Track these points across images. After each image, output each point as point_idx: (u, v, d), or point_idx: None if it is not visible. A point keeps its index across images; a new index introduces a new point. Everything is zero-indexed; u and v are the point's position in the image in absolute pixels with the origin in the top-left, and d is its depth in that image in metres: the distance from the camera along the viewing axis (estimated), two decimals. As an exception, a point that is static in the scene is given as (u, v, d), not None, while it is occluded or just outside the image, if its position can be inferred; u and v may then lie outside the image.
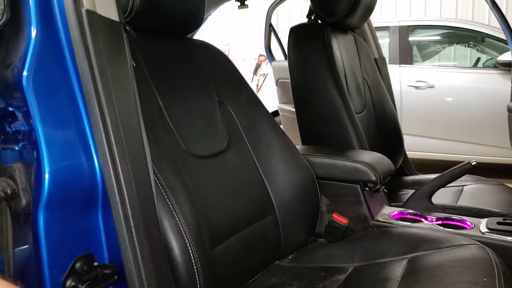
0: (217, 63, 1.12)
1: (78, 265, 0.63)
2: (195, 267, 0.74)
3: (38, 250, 0.60)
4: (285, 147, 1.12)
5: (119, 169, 0.61)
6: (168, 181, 0.77)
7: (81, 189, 0.63)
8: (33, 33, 0.62)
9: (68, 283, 0.62)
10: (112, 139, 0.61)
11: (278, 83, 3.02)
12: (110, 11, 0.66)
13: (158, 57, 0.98)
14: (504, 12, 2.45)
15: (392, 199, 1.47)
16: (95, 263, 0.65)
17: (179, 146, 0.91)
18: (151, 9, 0.90)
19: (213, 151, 0.99)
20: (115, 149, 0.61)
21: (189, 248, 0.74)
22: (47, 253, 0.60)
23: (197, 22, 1.01)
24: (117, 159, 0.61)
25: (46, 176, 0.59)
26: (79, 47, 0.62)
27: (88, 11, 0.62)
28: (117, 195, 0.61)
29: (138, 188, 0.63)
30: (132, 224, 0.61)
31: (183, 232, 0.74)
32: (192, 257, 0.74)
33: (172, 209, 0.75)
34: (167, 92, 0.94)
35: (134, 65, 0.70)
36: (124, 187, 0.61)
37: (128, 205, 0.61)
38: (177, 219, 0.74)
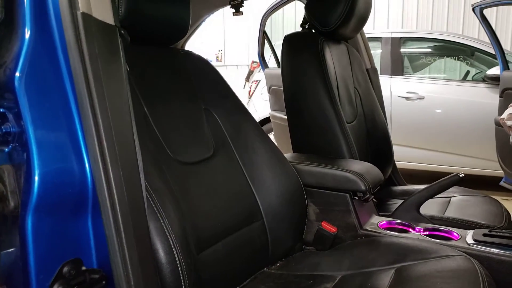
0: (203, 72, 1.13)
1: (65, 269, 0.62)
2: (179, 269, 0.74)
3: (25, 253, 0.59)
4: (272, 153, 1.13)
5: (111, 173, 0.61)
6: (153, 184, 0.78)
7: (71, 193, 0.62)
8: (27, 34, 0.61)
9: (55, 287, 0.61)
10: (104, 143, 0.61)
11: (270, 90, 3.03)
12: (105, 15, 0.66)
13: (143, 65, 0.99)
14: (493, 27, 2.50)
15: (381, 208, 1.49)
16: (83, 268, 0.64)
17: (164, 152, 0.91)
18: (135, 18, 0.91)
19: (199, 157, 1.00)
20: (107, 153, 0.61)
21: (173, 249, 0.74)
22: (34, 257, 0.60)
23: (181, 32, 1.02)
24: (109, 163, 0.61)
25: (36, 178, 0.59)
26: (73, 50, 0.61)
27: (83, 14, 0.61)
28: (107, 200, 0.60)
29: (129, 193, 0.63)
30: (122, 229, 0.61)
31: (167, 234, 0.74)
32: (176, 259, 0.74)
33: (157, 211, 0.75)
34: (152, 99, 0.95)
35: (128, 69, 0.70)
36: (115, 191, 0.61)
37: (118, 210, 0.61)
38: (161, 221, 0.75)
